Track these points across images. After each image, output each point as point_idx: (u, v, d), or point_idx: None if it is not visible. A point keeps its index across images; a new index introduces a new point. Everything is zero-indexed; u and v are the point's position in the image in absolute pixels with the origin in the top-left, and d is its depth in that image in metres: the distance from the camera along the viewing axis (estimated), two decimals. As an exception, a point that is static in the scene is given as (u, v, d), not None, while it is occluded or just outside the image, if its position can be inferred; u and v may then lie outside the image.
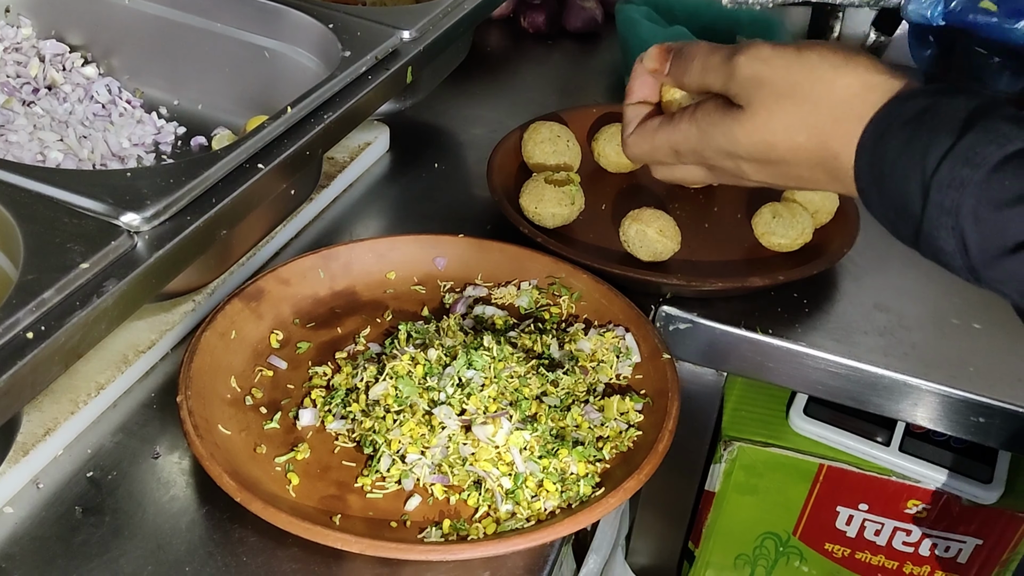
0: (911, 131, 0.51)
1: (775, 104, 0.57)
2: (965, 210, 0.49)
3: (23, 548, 0.61)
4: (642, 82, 0.68)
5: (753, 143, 0.59)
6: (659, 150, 0.64)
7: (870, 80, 0.55)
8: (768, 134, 0.58)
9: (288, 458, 0.67)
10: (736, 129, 0.59)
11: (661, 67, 0.65)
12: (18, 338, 0.51)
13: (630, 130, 0.66)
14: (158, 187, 0.62)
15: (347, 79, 0.77)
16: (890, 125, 0.53)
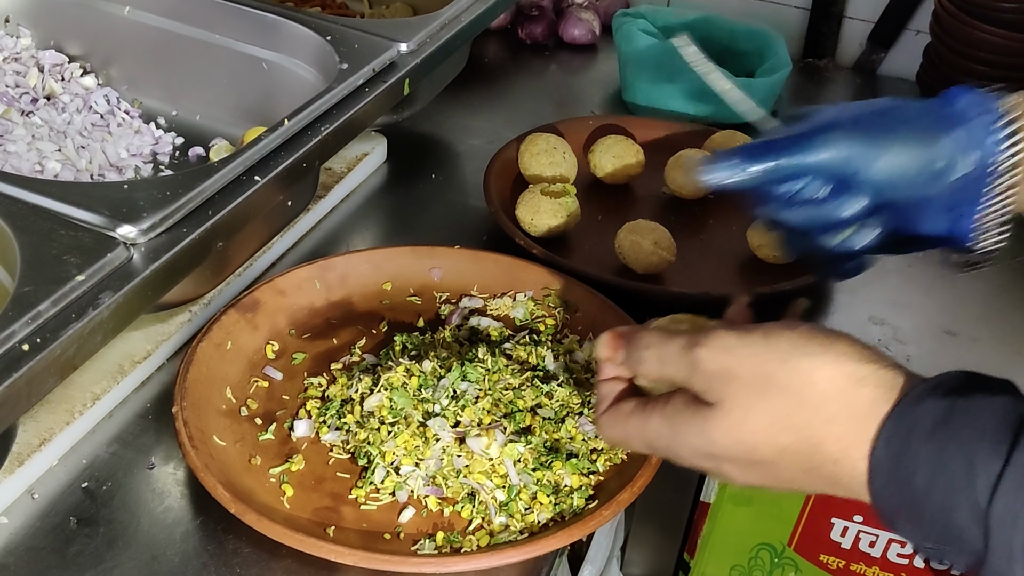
0: (938, 448, 0.44)
1: (749, 400, 0.50)
2: None
3: (18, 558, 0.61)
4: (613, 355, 0.60)
5: (732, 444, 0.51)
6: (632, 439, 0.56)
7: (856, 372, 0.48)
8: (748, 434, 0.50)
9: (283, 469, 0.67)
10: (710, 429, 0.51)
11: (613, 356, 0.57)
12: (14, 350, 0.51)
13: (603, 408, 0.58)
14: (154, 199, 0.62)
15: (344, 91, 0.78)
16: (908, 440, 0.46)
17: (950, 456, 0.44)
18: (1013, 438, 0.43)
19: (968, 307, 0.92)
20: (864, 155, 0.60)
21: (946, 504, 0.44)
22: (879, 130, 0.60)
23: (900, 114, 0.61)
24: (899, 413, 0.46)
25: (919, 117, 0.61)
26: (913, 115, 0.61)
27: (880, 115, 0.62)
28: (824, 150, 0.60)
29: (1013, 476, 0.42)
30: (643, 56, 1.11)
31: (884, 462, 0.46)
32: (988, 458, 0.43)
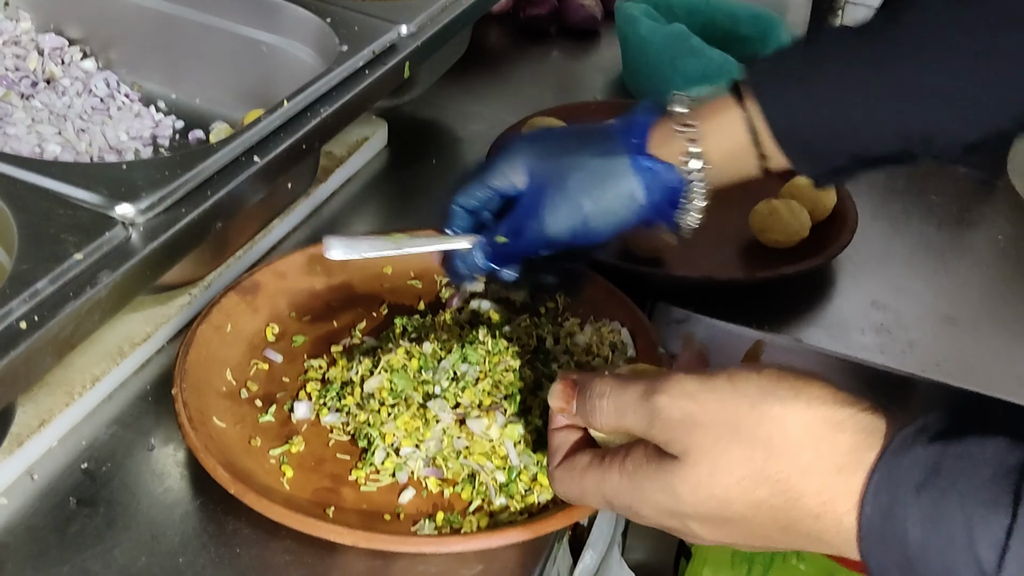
0: (932, 502, 0.41)
1: (717, 450, 0.46)
2: None
3: (17, 538, 0.61)
4: (567, 401, 0.55)
5: (700, 500, 0.47)
6: (589, 495, 0.52)
7: (832, 416, 0.45)
8: (718, 489, 0.46)
9: (282, 451, 0.67)
10: (676, 484, 0.47)
11: (567, 406, 0.53)
12: (11, 328, 0.51)
13: (556, 462, 0.54)
14: (153, 179, 0.62)
15: (344, 73, 0.77)
16: (896, 493, 0.42)
17: (946, 512, 0.41)
18: (1015, 491, 0.40)
19: (970, 293, 0.92)
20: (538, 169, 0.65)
21: (946, 566, 0.41)
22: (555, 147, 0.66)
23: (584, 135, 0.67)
24: (886, 464, 0.43)
25: (602, 139, 0.66)
26: (597, 137, 0.66)
27: (564, 135, 0.68)
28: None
29: (1020, 536, 0.39)
30: (645, 41, 1.11)
31: (874, 519, 0.43)
32: (989, 516, 0.40)
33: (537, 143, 0.67)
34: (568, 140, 0.67)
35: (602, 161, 0.64)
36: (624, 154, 0.64)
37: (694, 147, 0.63)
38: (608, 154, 0.65)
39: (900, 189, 1.05)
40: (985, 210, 1.05)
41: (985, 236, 1.00)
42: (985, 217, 1.04)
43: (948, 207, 1.03)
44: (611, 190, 0.64)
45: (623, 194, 0.64)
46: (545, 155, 0.66)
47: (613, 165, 0.64)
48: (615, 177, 0.64)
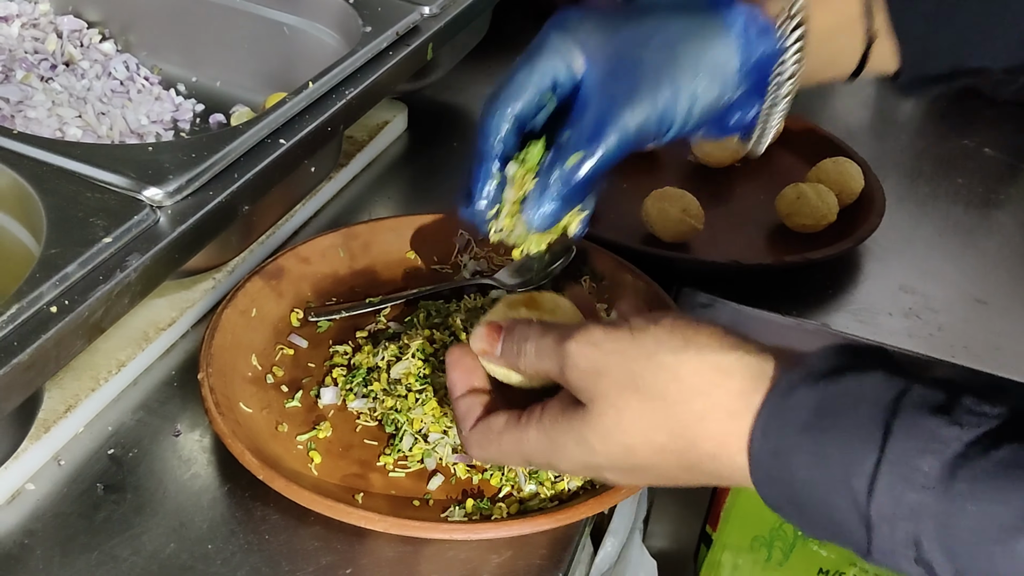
0: (813, 443, 0.43)
1: (621, 400, 0.48)
2: (928, 542, 0.41)
3: (45, 524, 0.61)
4: (465, 369, 0.57)
5: (609, 449, 0.49)
6: (508, 456, 0.54)
7: (720, 363, 0.46)
8: (623, 435, 0.48)
9: (310, 436, 0.66)
10: (588, 435, 0.49)
11: (491, 348, 0.55)
12: (42, 312, 0.51)
13: (468, 425, 0.55)
14: (180, 162, 0.61)
15: (368, 55, 0.77)
16: (783, 436, 0.44)
17: (826, 450, 0.43)
18: (885, 427, 0.42)
19: (999, 275, 0.91)
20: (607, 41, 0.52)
21: (827, 500, 0.43)
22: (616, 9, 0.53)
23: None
24: (771, 406, 0.45)
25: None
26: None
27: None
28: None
29: (888, 469, 0.41)
30: (667, 22, 1.09)
31: (762, 458, 0.45)
32: (863, 451, 0.42)
33: (595, 14, 0.54)
34: (637, 9, 0.53)
35: (688, 19, 0.52)
36: (714, 10, 0.52)
37: (796, 3, 0.52)
38: (695, 11, 0.52)
39: (926, 172, 1.04)
40: (1011, 191, 1.04)
41: (1013, 217, 0.99)
42: (1011, 198, 1.03)
43: (974, 189, 1.02)
44: (703, 54, 0.51)
45: (717, 60, 0.51)
46: (605, 21, 0.53)
47: (702, 21, 0.52)
48: (706, 36, 0.51)
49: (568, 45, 0.53)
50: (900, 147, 1.09)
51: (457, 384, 0.57)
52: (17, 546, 0.59)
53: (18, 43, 0.91)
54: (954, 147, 1.09)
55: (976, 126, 1.11)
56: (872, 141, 1.08)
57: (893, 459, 0.41)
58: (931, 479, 0.40)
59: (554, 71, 0.53)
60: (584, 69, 0.53)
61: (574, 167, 0.52)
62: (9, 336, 0.49)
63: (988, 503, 0.39)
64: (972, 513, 0.40)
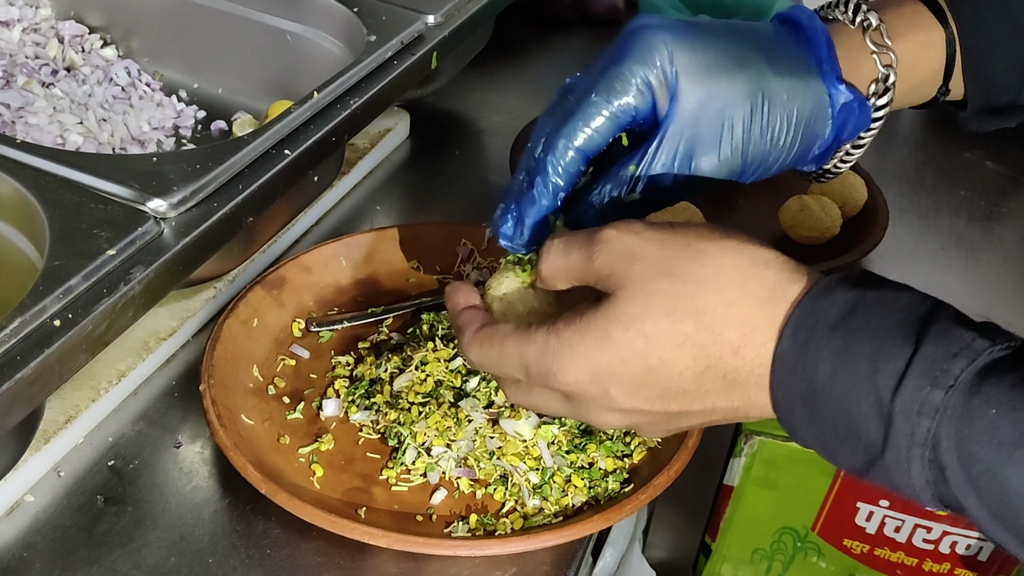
0: (844, 339, 0.43)
1: (651, 284, 0.46)
2: (946, 442, 0.40)
3: (45, 537, 0.60)
4: (465, 293, 0.56)
5: (629, 339, 0.46)
6: (507, 360, 0.50)
7: (760, 256, 0.46)
8: (648, 322, 0.46)
9: (312, 449, 0.66)
10: (610, 324, 0.46)
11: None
12: (45, 326, 0.50)
13: (470, 331, 0.53)
14: (184, 173, 0.61)
15: (373, 64, 0.76)
16: (813, 329, 0.43)
17: (856, 348, 0.42)
18: (919, 331, 0.42)
19: (1001, 289, 0.91)
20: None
21: (848, 396, 0.42)
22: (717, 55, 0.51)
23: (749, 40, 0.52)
24: (808, 302, 0.44)
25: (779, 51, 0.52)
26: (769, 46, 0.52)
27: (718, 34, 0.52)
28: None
29: (918, 369, 0.41)
30: (670, 32, 1.09)
31: (789, 351, 0.44)
32: (894, 351, 0.42)
33: (684, 42, 0.51)
34: (730, 45, 0.52)
35: (790, 83, 0.51)
36: (816, 77, 0.51)
37: (890, 75, 0.53)
38: (797, 75, 0.51)
39: (928, 184, 1.04)
40: (1013, 205, 1.04)
41: (1015, 231, 0.99)
42: (1013, 212, 1.03)
43: (976, 202, 1.02)
44: (801, 122, 0.51)
45: (815, 128, 0.52)
46: (702, 64, 0.50)
47: (805, 90, 0.51)
48: (807, 107, 0.51)
49: (659, 80, 0.51)
50: (902, 159, 1.09)
51: (459, 302, 0.55)
52: (16, 559, 0.59)
53: (19, 48, 0.90)
54: (956, 160, 1.08)
55: (978, 139, 1.11)
56: (874, 153, 1.07)
57: (924, 359, 0.41)
58: (959, 381, 0.40)
59: (637, 109, 0.51)
60: (668, 103, 0.51)
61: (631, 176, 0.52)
62: (12, 350, 0.48)
63: (1011, 410, 0.40)
64: (994, 417, 0.40)
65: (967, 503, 0.41)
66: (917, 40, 0.54)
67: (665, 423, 0.50)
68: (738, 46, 0.52)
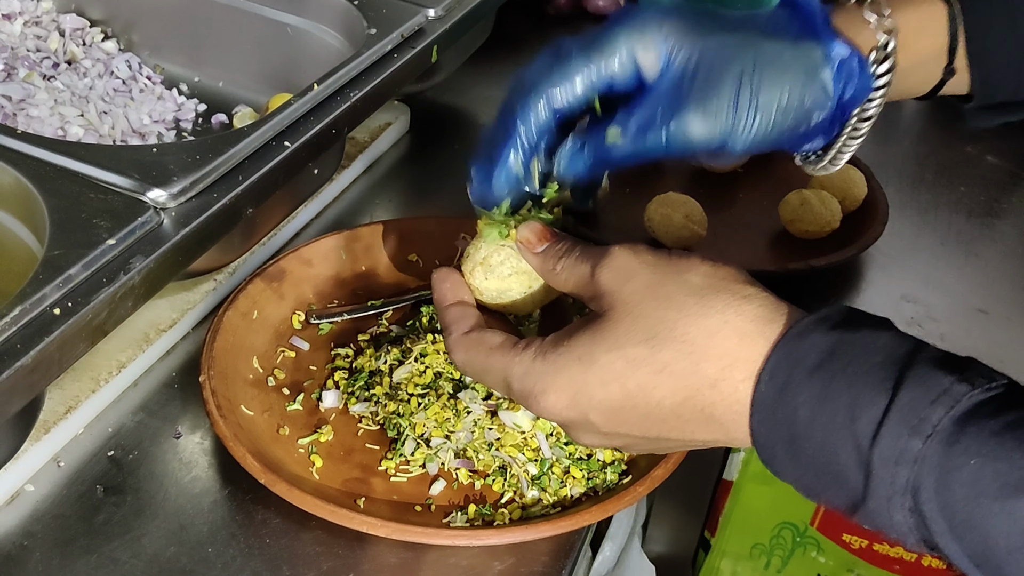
0: (823, 384, 0.42)
1: (638, 307, 0.47)
2: (926, 492, 0.40)
3: (44, 526, 0.60)
4: (453, 284, 0.56)
5: (611, 361, 0.47)
6: (491, 372, 0.51)
7: (741, 290, 0.47)
8: (629, 347, 0.47)
9: (311, 440, 0.66)
10: (595, 345, 0.47)
11: (539, 242, 0.53)
12: (45, 314, 0.50)
13: (459, 331, 0.53)
14: (184, 163, 0.61)
15: (373, 57, 0.76)
16: (791, 372, 0.43)
17: (835, 393, 0.42)
18: (897, 376, 0.41)
19: (1001, 285, 0.91)
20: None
21: (828, 442, 0.42)
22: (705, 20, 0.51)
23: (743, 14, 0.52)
24: (786, 344, 0.44)
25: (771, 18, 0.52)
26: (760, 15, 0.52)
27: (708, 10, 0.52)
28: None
29: (896, 416, 0.40)
30: (671, 27, 1.09)
31: (767, 394, 0.44)
32: (871, 397, 0.41)
33: (674, 13, 0.51)
34: (720, 15, 0.52)
35: (782, 44, 0.50)
36: (812, 38, 0.50)
37: (890, 42, 0.52)
38: (789, 36, 0.50)
39: (928, 179, 1.04)
40: (1013, 200, 1.04)
41: (1015, 226, 0.99)
42: (1013, 207, 1.03)
43: (976, 197, 1.02)
44: (796, 81, 0.50)
45: (812, 89, 0.50)
46: (692, 29, 0.50)
47: (798, 50, 0.50)
48: (801, 65, 0.50)
49: (646, 45, 0.50)
50: (902, 154, 1.09)
51: (447, 295, 0.55)
52: (16, 548, 0.59)
53: (20, 41, 0.91)
54: (956, 154, 1.08)
55: (978, 133, 1.11)
56: (874, 147, 1.08)
57: (902, 406, 0.40)
58: (937, 429, 0.40)
59: (620, 73, 0.51)
60: (658, 68, 0.50)
61: (603, 147, 0.51)
62: (12, 338, 0.49)
63: (992, 460, 0.39)
64: (974, 467, 0.39)
65: (949, 551, 0.41)
66: (918, 13, 0.54)
67: (647, 445, 0.50)
68: (732, 18, 0.51)
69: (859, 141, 0.55)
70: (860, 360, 0.42)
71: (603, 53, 0.51)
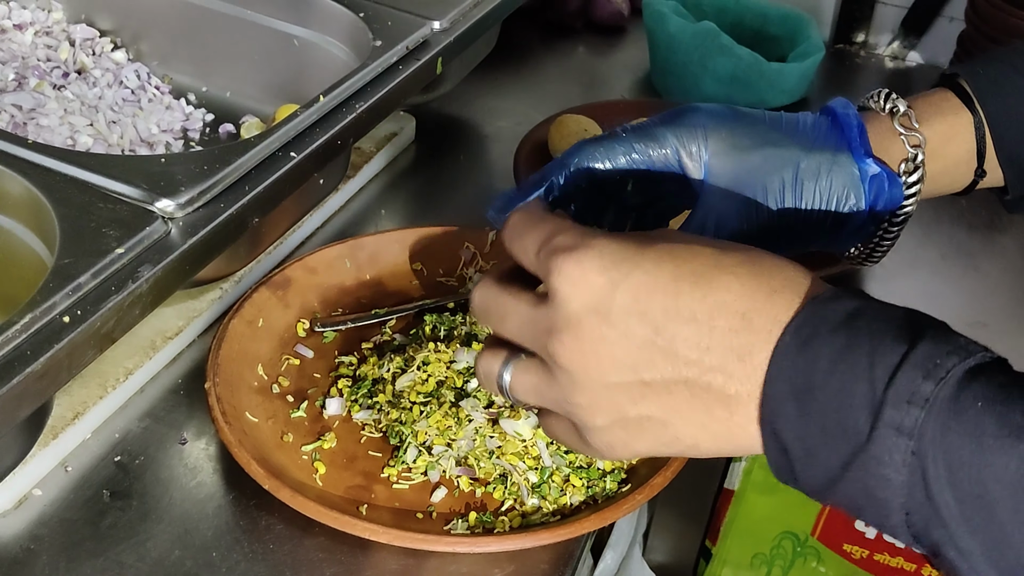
0: (847, 337, 0.43)
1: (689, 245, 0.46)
2: (931, 433, 0.41)
3: (51, 530, 0.61)
4: None
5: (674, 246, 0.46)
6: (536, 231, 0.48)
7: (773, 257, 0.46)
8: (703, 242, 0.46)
9: (315, 447, 0.67)
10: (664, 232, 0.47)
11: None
12: (55, 322, 0.51)
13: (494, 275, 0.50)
14: (192, 173, 0.62)
15: (379, 69, 0.77)
16: (817, 328, 0.44)
17: (856, 345, 0.42)
18: (917, 332, 0.42)
19: (999, 298, 0.92)
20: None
21: (843, 389, 0.42)
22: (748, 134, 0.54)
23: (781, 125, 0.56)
24: (813, 305, 0.44)
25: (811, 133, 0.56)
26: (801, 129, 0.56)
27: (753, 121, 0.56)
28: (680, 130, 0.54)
29: (913, 362, 0.41)
30: (674, 38, 1.10)
31: (791, 345, 0.43)
32: (892, 347, 0.42)
33: (723, 125, 0.55)
34: (762, 127, 0.55)
35: (819, 158, 0.54)
36: (847, 154, 0.54)
37: (919, 155, 0.56)
38: (828, 152, 0.54)
39: (929, 193, 1.04)
40: (1015, 216, 1.04)
41: (1015, 241, 0.99)
42: (1014, 222, 1.03)
43: (977, 212, 1.02)
44: (831, 199, 0.54)
45: (845, 204, 0.54)
46: (736, 143, 0.54)
47: (833, 164, 0.54)
48: (836, 179, 0.54)
49: (692, 152, 0.54)
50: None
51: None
52: (23, 551, 0.60)
53: (31, 51, 0.92)
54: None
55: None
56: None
57: (919, 355, 0.41)
58: (951, 375, 0.41)
59: (664, 164, 0.54)
60: (701, 175, 0.54)
61: None
62: (22, 345, 0.50)
63: (997, 404, 0.40)
64: (979, 411, 0.40)
65: (940, 499, 0.41)
66: (945, 123, 0.57)
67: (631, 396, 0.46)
68: (775, 131, 0.55)
69: (892, 241, 0.60)
70: (882, 320, 0.43)
71: (650, 143, 0.54)
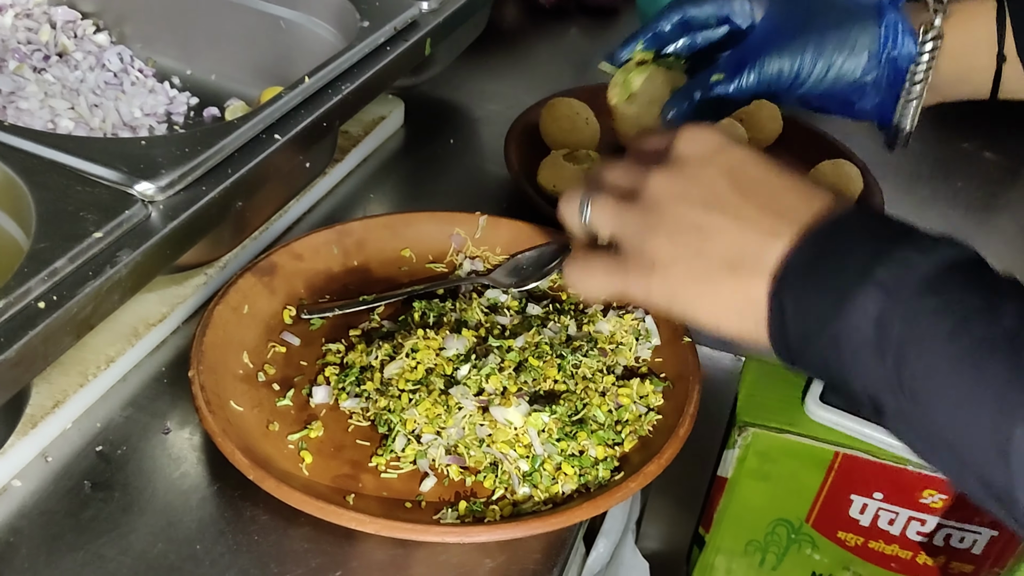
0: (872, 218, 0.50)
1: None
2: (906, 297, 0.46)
3: (31, 522, 0.60)
4: None
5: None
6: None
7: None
8: None
9: (301, 436, 0.65)
10: None
11: None
12: (30, 307, 0.50)
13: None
14: (173, 156, 0.60)
15: (365, 50, 0.76)
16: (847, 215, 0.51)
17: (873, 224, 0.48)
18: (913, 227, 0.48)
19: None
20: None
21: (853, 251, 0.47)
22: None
23: None
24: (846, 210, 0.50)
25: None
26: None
27: None
28: None
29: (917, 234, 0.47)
30: (667, 21, 1.09)
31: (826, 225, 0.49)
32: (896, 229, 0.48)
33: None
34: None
35: (852, 4, 0.66)
36: (875, 3, 0.66)
37: (937, 20, 0.65)
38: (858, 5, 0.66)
39: (925, 175, 1.03)
40: (1011, 195, 1.04)
41: (1012, 221, 0.99)
42: (1011, 202, 1.02)
43: (973, 193, 1.01)
44: (850, 34, 0.65)
45: (861, 42, 0.66)
46: None
47: (862, 11, 0.66)
48: (858, 22, 0.66)
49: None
50: (899, 150, 1.08)
51: None
52: (2, 544, 0.59)
53: (11, 33, 0.90)
54: (954, 150, 1.08)
55: (976, 129, 1.11)
56: (870, 143, 1.07)
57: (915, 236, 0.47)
58: (940, 247, 0.47)
59: (738, 12, 0.70)
60: (761, 16, 0.69)
61: (714, 83, 0.66)
62: (-5, 332, 0.48)
63: (966, 293, 0.45)
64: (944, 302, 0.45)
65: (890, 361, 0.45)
66: (971, 6, 0.66)
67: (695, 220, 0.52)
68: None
69: (913, 109, 0.68)
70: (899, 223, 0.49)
71: None
